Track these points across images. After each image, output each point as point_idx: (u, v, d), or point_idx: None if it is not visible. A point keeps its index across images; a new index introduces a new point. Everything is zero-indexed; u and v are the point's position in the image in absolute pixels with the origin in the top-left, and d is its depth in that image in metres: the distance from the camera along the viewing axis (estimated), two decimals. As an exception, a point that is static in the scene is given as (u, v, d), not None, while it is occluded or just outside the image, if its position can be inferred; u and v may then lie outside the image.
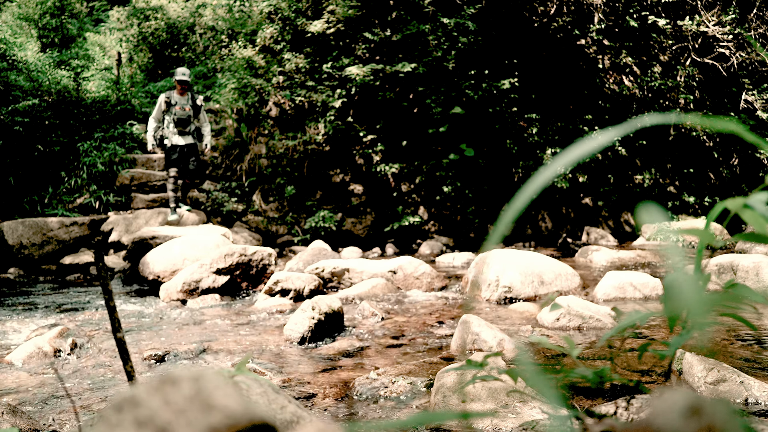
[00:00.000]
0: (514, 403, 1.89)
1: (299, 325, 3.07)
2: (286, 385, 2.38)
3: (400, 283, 4.65)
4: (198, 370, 0.35)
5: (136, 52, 14.81)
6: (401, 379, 2.30)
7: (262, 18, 9.75)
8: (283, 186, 8.72)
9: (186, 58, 14.11)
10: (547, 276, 4.20)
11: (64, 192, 8.21)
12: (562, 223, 9.22)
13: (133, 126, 9.97)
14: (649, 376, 2.37)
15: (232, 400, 0.31)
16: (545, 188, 9.07)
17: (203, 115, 7.28)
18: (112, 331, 0.74)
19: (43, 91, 9.10)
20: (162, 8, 14.61)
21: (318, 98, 8.61)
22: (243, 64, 9.26)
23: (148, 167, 9.18)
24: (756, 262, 3.98)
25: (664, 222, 4.88)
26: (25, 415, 1.92)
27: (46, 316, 4.00)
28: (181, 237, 5.70)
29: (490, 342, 2.70)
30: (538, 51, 9.52)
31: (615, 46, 9.63)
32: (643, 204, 0.49)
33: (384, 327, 3.40)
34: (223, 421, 0.31)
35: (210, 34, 13.95)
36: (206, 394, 0.31)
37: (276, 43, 9.21)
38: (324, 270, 4.81)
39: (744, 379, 2.08)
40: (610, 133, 0.41)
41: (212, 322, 3.66)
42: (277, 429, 0.34)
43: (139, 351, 2.97)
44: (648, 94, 9.69)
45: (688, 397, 0.29)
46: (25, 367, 2.78)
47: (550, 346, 0.69)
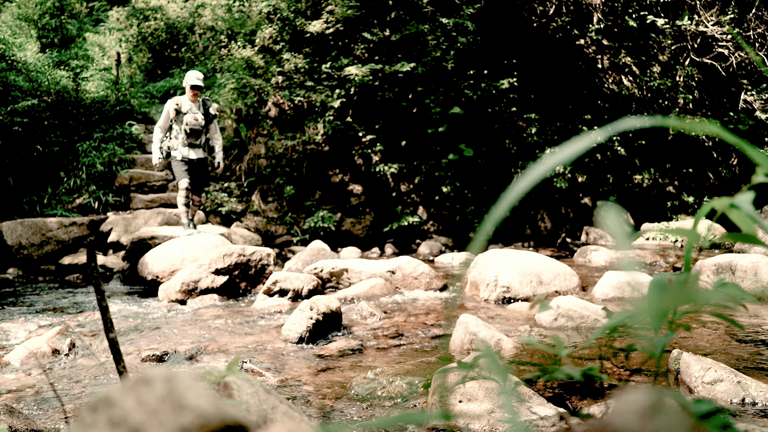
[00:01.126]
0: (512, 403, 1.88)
1: (297, 325, 3.07)
2: (283, 385, 2.38)
3: (398, 283, 4.65)
4: (171, 370, 0.35)
5: (135, 53, 14.82)
6: (399, 379, 2.30)
7: (261, 18, 9.75)
8: (282, 186, 8.72)
9: (185, 58, 14.12)
10: (546, 276, 4.20)
11: (63, 192, 8.22)
12: (561, 223, 9.22)
13: (132, 126, 9.98)
14: (646, 375, 2.37)
15: (204, 401, 0.31)
16: (545, 188, 9.07)
17: (215, 126, 6.42)
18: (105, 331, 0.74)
19: (42, 91, 9.10)
20: (161, 8, 14.61)
21: (317, 98, 8.61)
22: (242, 64, 9.26)
23: (147, 167, 9.18)
24: (754, 262, 3.97)
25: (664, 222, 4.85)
26: (23, 415, 1.92)
27: (45, 317, 4.00)
28: (180, 237, 5.70)
29: (487, 342, 2.70)
30: (537, 51, 9.52)
31: (614, 46, 9.63)
32: (605, 204, 0.49)
33: (382, 327, 3.40)
34: (195, 421, 0.31)
35: (209, 34, 13.95)
36: (178, 394, 0.31)
37: (275, 44, 9.21)
38: (323, 270, 4.81)
39: (741, 379, 2.08)
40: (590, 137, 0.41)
41: (211, 322, 3.66)
42: (250, 429, 0.34)
43: (138, 351, 2.98)
44: (647, 94, 9.69)
45: (646, 397, 0.30)
46: (23, 368, 2.78)
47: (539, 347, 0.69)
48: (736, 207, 0.46)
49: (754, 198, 0.48)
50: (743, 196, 0.44)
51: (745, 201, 0.44)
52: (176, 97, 6.23)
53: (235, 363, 0.69)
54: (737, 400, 2.03)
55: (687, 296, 0.43)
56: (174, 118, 6.14)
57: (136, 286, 5.51)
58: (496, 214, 0.39)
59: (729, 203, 0.46)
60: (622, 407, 0.30)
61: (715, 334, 2.99)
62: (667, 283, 0.45)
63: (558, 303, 3.30)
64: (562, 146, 0.39)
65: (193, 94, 6.18)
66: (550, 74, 9.48)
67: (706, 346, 2.77)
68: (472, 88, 8.61)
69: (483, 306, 3.96)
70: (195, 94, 6.19)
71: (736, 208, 0.46)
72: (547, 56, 9.55)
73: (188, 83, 6.13)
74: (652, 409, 0.29)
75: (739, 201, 0.45)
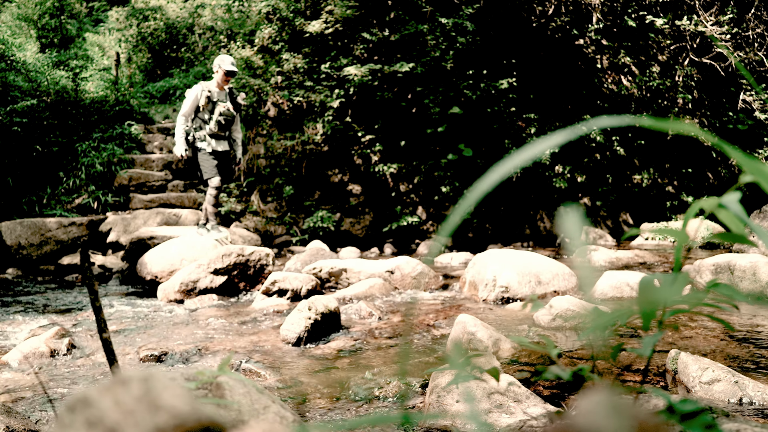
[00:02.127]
0: (509, 403, 1.89)
1: (295, 326, 3.07)
2: (281, 385, 2.38)
3: (397, 283, 4.65)
4: (148, 371, 0.35)
5: (135, 53, 14.82)
6: (396, 379, 2.30)
7: (260, 18, 9.76)
8: (282, 186, 8.72)
9: (185, 58, 14.12)
10: (545, 276, 4.20)
11: (63, 192, 8.22)
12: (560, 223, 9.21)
13: (131, 126, 9.98)
14: (643, 375, 2.37)
15: (180, 401, 0.31)
16: (544, 188, 9.07)
17: (239, 118, 5.93)
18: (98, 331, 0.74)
19: (41, 91, 9.10)
20: (161, 8, 14.62)
21: (316, 98, 8.61)
22: (241, 64, 9.26)
23: (147, 167, 9.18)
24: (753, 262, 3.97)
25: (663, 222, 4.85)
26: (20, 415, 1.93)
27: (44, 317, 3.99)
28: (179, 237, 5.69)
29: (485, 342, 2.70)
30: (537, 51, 9.52)
31: (613, 46, 9.63)
32: (563, 206, 0.49)
33: (380, 327, 3.40)
34: (169, 421, 0.31)
35: (209, 34, 13.96)
36: (154, 394, 0.31)
37: (274, 44, 9.21)
38: (321, 270, 4.81)
39: (738, 379, 2.09)
40: (555, 137, 0.41)
41: (209, 322, 3.66)
42: (226, 429, 0.34)
43: (137, 351, 2.98)
44: (646, 93, 9.69)
45: (608, 398, 0.30)
46: (20, 368, 2.78)
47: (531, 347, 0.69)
48: (724, 207, 0.46)
49: (757, 197, 0.48)
50: (730, 195, 0.44)
51: (732, 201, 0.44)
52: (203, 83, 5.60)
53: (227, 363, 0.69)
54: (735, 400, 2.03)
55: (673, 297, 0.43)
56: (203, 106, 5.52)
57: (135, 286, 5.51)
58: (472, 198, 0.40)
59: (717, 203, 0.47)
60: (586, 407, 0.30)
61: (714, 334, 2.99)
62: (655, 284, 0.45)
63: (556, 303, 3.30)
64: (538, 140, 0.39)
65: (225, 81, 5.58)
66: (549, 74, 9.48)
67: (704, 346, 2.77)
68: (472, 88, 8.61)
69: (482, 306, 3.96)
70: (227, 81, 5.61)
71: (724, 207, 0.46)
72: (547, 56, 9.55)
73: (223, 68, 5.47)
74: (611, 408, 0.29)
75: (727, 201, 0.45)
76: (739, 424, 0.76)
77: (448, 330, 3.24)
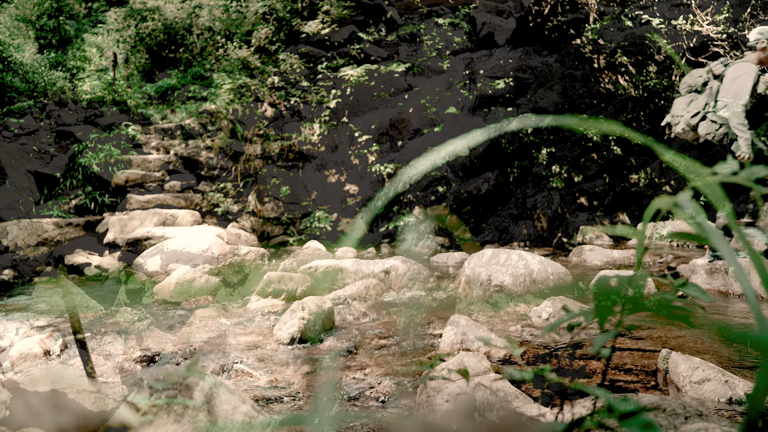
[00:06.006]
0: (499, 404, 1.89)
1: (288, 326, 3.07)
2: (272, 385, 2.38)
3: (393, 283, 4.65)
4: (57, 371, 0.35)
5: (133, 53, 14.81)
6: (388, 379, 2.31)
7: (257, 18, 9.76)
8: (278, 186, 8.73)
9: (183, 59, 14.11)
10: (539, 275, 4.20)
11: (60, 193, 8.21)
12: (557, 222, 9.22)
13: (129, 127, 9.97)
14: (635, 375, 2.38)
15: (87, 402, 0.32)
16: (541, 188, 9.07)
17: None
18: (73, 332, 0.74)
19: (38, 92, 9.10)
20: (159, 9, 14.61)
21: (313, 98, 8.61)
22: (238, 64, 9.26)
23: (144, 168, 9.17)
24: (749, 263, 3.97)
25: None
26: (10, 417, 1.92)
27: (40, 318, 3.99)
28: (176, 238, 5.70)
29: (478, 342, 2.70)
30: (536, 50, 9.52)
31: (610, 46, 9.64)
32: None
33: (374, 327, 3.40)
34: (72, 422, 0.31)
35: (207, 35, 13.95)
36: (60, 396, 0.31)
37: (271, 44, 9.21)
38: (317, 270, 4.80)
39: (729, 378, 2.09)
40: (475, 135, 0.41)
41: (204, 322, 3.66)
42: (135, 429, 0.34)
43: (129, 352, 2.98)
44: (643, 93, 9.69)
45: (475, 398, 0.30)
46: (15, 369, 2.78)
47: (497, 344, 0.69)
48: (678, 206, 0.46)
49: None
50: (683, 195, 0.45)
51: (685, 200, 0.44)
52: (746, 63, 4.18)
53: (195, 364, 0.69)
54: (724, 399, 2.03)
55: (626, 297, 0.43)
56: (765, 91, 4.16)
57: (130, 286, 5.51)
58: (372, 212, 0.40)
59: (672, 202, 0.47)
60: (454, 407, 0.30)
61: (707, 333, 2.99)
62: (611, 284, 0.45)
63: (550, 303, 3.30)
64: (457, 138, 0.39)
65: None
66: (546, 74, 9.48)
67: (696, 345, 2.78)
68: (468, 88, 8.61)
69: (476, 305, 3.96)
70: None
71: (679, 206, 0.46)
72: (544, 56, 9.56)
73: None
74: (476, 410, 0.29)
75: (681, 200, 0.45)
76: (708, 423, 0.76)
77: (441, 330, 3.24)
